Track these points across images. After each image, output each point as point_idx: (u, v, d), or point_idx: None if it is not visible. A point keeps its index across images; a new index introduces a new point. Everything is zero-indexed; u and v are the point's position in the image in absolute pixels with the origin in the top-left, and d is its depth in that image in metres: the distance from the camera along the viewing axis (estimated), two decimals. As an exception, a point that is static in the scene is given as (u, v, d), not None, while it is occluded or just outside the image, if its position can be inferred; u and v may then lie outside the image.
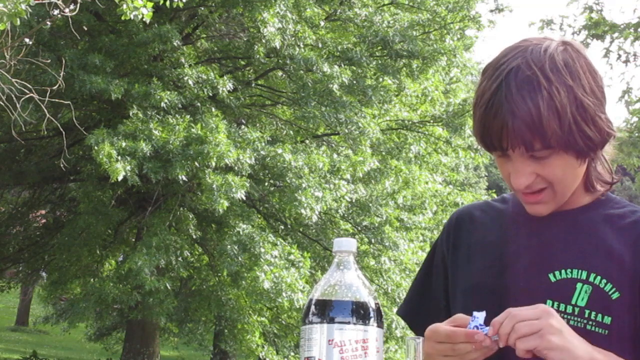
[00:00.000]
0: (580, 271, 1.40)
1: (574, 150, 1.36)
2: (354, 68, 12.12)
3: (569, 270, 1.40)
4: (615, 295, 1.37)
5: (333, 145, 12.86)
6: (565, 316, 1.37)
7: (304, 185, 10.78)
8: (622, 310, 1.36)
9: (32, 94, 7.59)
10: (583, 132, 1.34)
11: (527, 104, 1.31)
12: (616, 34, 12.81)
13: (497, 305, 1.35)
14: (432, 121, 13.72)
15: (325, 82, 11.52)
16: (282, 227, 12.84)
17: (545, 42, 1.38)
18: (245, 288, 11.29)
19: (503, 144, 1.35)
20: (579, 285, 1.39)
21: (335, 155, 11.75)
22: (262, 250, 10.69)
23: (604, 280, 1.38)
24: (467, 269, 1.53)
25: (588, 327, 1.35)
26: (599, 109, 1.36)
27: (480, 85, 1.39)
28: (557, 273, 1.41)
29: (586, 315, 1.37)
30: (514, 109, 1.31)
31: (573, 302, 1.38)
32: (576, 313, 1.37)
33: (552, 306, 1.37)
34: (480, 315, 1.29)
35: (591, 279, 1.38)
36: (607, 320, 1.36)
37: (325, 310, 1.24)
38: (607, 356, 1.30)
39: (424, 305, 1.61)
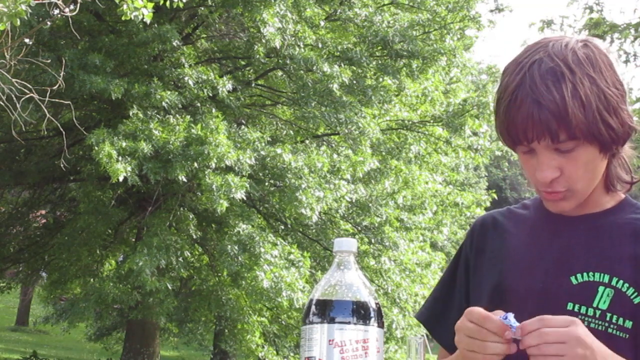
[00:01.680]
0: (602, 274, 1.40)
1: (598, 142, 1.36)
2: (354, 68, 12.12)
3: (590, 274, 1.40)
4: (638, 300, 1.37)
5: (333, 145, 12.86)
6: (587, 319, 1.37)
7: (304, 186, 10.78)
8: None
9: (32, 94, 7.59)
10: (607, 123, 1.34)
11: (553, 94, 1.32)
12: (616, 34, 12.81)
13: (517, 306, 1.36)
14: (432, 121, 13.72)
15: (325, 82, 11.52)
16: (282, 227, 12.84)
17: (566, 39, 1.40)
18: (245, 288, 11.29)
19: (529, 135, 1.35)
20: (600, 288, 1.38)
21: (335, 155, 11.75)
22: (262, 250, 10.69)
23: (627, 285, 1.38)
24: (491, 273, 1.53)
25: (609, 330, 1.35)
26: (621, 101, 1.37)
27: (502, 82, 1.40)
28: (578, 276, 1.41)
29: (607, 319, 1.37)
30: (539, 99, 1.32)
31: (594, 305, 1.38)
32: (597, 316, 1.37)
33: (573, 309, 1.38)
34: (510, 316, 1.28)
35: (613, 282, 1.38)
36: (629, 324, 1.36)
37: (326, 310, 1.24)
38: None
39: (446, 312, 1.60)
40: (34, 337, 23.11)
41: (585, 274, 1.41)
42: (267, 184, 11.79)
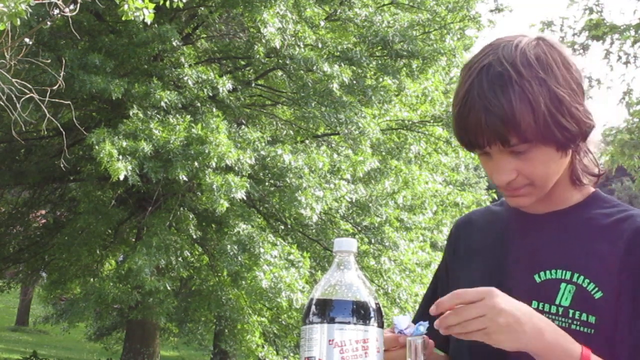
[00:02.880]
0: (564, 271, 1.40)
1: (552, 143, 1.36)
2: (354, 68, 12.12)
3: (553, 271, 1.41)
4: (599, 295, 1.37)
5: (333, 145, 12.86)
6: (550, 316, 1.37)
7: (304, 186, 10.78)
8: (606, 310, 1.36)
9: (32, 94, 7.59)
10: (559, 124, 1.34)
11: (499, 99, 1.32)
12: (616, 35, 12.81)
13: None
14: (432, 121, 13.72)
15: (325, 82, 11.52)
16: (282, 227, 12.84)
17: (518, 38, 1.39)
18: (245, 288, 11.29)
19: (479, 140, 1.36)
20: (562, 285, 1.39)
21: (335, 155, 11.74)
22: (262, 250, 10.69)
23: (587, 280, 1.38)
24: (466, 273, 1.54)
25: (573, 326, 1.35)
26: (575, 100, 1.36)
27: (457, 86, 1.41)
28: (542, 274, 1.42)
29: (570, 315, 1.37)
30: (487, 105, 1.32)
31: (557, 302, 1.38)
32: (560, 313, 1.37)
33: (537, 307, 1.38)
34: (400, 321, 1.31)
35: (575, 278, 1.39)
36: (592, 319, 1.36)
37: (326, 310, 1.24)
38: (555, 332, 1.29)
39: (434, 318, 1.61)
40: (34, 337, 23.12)
41: (548, 271, 1.41)
42: (267, 184, 11.79)
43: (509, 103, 1.31)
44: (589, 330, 1.35)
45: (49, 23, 9.74)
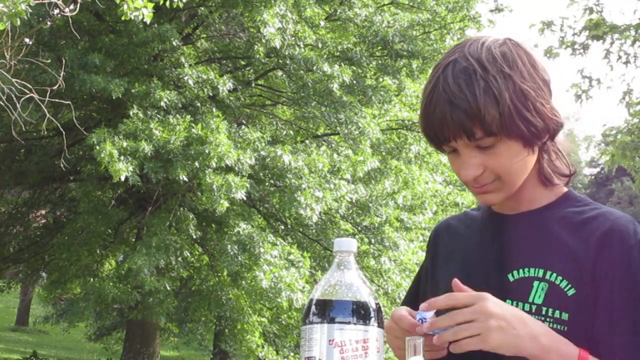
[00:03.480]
0: (536, 269, 1.41)
1: (518, 137, 1.37)
2: (354, 68, 12.12)
3: (526, 270, 1.42)
4: (571, 292, 1.37)
5: (333, 145, 12.85)
6: None
7: (304, 186, 10.78)
8: (579, 307, 1.37)
9: (32, 94, 7.59)
10: (524, 118, 1.35)
11: (464, 92, 1.33)
12: (616, 35, 12.81)
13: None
14: (432, 121, 13.71)
15: (325, 82, 11.52)
16: (282, 227, 12.84)
17: (484, 37, 1.41)
18: (245, 288, 11.29)
19: (445, 134, 1.37)
20: (535, 283, 1.40)
21: (335, 155, 11.74)
22: (262, 250, 10.69)
23: (560, 277, 1.39)
24: (443, 277, 1.54)
25: (546, 324, 1.35)
26: (540, 96, 1.37)
27: (425, 84, 1.43)
28: (515, 273, 1.43)
29: (543, 313, 1.37)
30: (451, 99, 1.33)
31: (530, 300, 1.39)
32: (533, 311, 1.38)
33: (512, 305, 1.38)
34: (427, 314, 1.31)
35: (547, 276, 1.40)
36: (565, 316, 1.37)
37: (326, 310, 1.24)
38: (550, 336, 1.30)
39: None
40: (34, 337, 23.12)
41: (521, 270, 1.42)
42: (267, 184, 11.80)
43: (474, 96, 1.32)
44: (562, 327, 1.36)
45: (49, 23, 9.74)
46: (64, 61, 9.15)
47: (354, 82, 12.04)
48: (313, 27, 12.13)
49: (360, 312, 1.23)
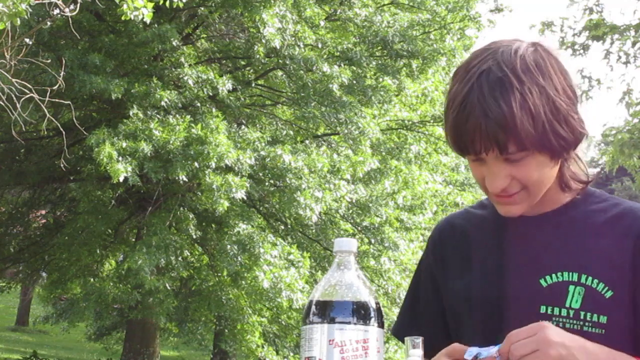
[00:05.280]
0: (570, 273, 1.39)
1: (548, 151, 1.35)
2: (354, 68, 12.12)
3: (559, 274, 1.40)
4: (609, 294, 1.36)
5: (333, 145, 12.85)
6: (561, 320, 1.37)
7: (303, 186, 10.78)
8: (617, 308, 1.36)
9: (32, 94, 7.59)
10: (556, 132, 1.33)
11: (500, 105, 1.30)
12: (616, 36, 12.80)
13: (493, 315, 1.37)
14: (432, 121, 13.72)
15: (325, 82, 11.52)
16: (282, 227, 12.84)
17: (516, 44, 1.38)
18: (245, 288, 11.29)
19: (476, 146, 1.34)
20: (571, 287, 1.38)
21: (335, 156, 11.74)
22: (262, 250, 10.69)
23: (596, 280, 1.37)
24: (461, 283, 1.51)
25: (585, 328, 1.35)
26: (571, 109, 1.36)
27: (452, 88, 1.38)
28: (547, 278, 1.41)
29: (582, 317, 1.36)
30: (486, 111, 1.30)
31: (567, 305, 1.37)
32: (571, 316, 1.37)
33: (547, 311, 1.38)
34: (475, 351, 1.27)
35: (582, 280, 1.38)
36: (603, 319, 1.36)
37: (326, 310, 1.24)
38: (610, 354, 1.29)
39: (415, 324, 1.60)
40: (34, 337, 23.11)
41: (554, 275, 1.40)
42: (267, 184, 11.79)
43: (510, 110, 1.30)
44: (601, 330, 1.35)
45: (49, 23, 9.74)
46: (64, 61, 9.15)
47: (354, 82, 12.04)
48: (313, 27, 12.13)
49: (361, 312, 1.23)
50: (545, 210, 1.47)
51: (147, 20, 7.27)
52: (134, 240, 13.50)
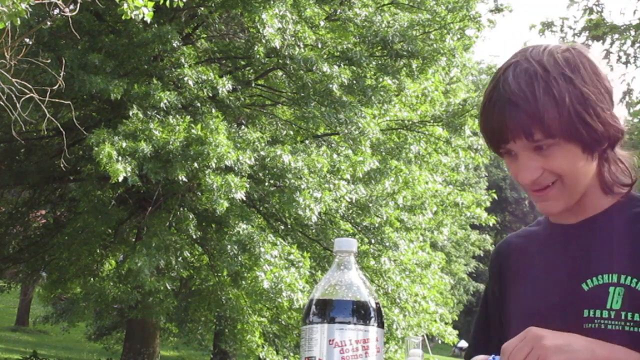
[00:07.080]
0: (610, 275, 1.40)
1: (577, 141, 1.36)
2: (354, 68, 12.11)
3: (600, 277, 1.40)
4: None
5: (333, 145, 12.85)
6: (603, 322, 1.37)
7: (303, 186, 10.78)
8: None
9: (32, 94, 7.58)
10: (584, 121, 1.34)
11: (524, 92, 1.33)
12: (616, 35, 12.80)
13: (543, 324, 1.36)
14: (432, 121, 13.72)
15: (325, 82, 11.52)
16: (282, 227, 12.83)
17: (547, 44, 1.42)
18: (245, 288, 11.28)
19: (504, 135, 1.37)
20: (611, 289, 1.38)
21: (335, 156, 11.74)
22: (262, 250, 10.68)
23: (635, 280, 1.37)
24: (517, 297, 1.54)
25: (627, 328, 1.35)
26: (600, 101, 1.37)
27: (487, 87, 1.43)
28: (589, 281, 1.41)
29: (623, 317, 1.36)
30: (511, 98, 1.34)
31: (608, 306, 1.38)
32: (613, 317, 1.37)
33: (589, 314, 1.39)
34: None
35: (622, 280, 1.38)
36: None
37: (326, 310, 1.24)
38: (605, 345, 1.30)
39: (488, 345, 1.62)
40: (34, 337, 23.11)
41: (594, 278, 1.41)
42: (267, 184, 11.79)
43: (534, 96, 1.33)
44: None
45: (49, 23, 9.74)
46: (64, 61, 9.14)
47: (354, 82, 12.04)
48: (313, 27, 12.12)
49: (361, 312, 1.23)
50: (587, 216, 1.48)
51: (148, 19, 7.27)
52: (134, 240, 13.50)
